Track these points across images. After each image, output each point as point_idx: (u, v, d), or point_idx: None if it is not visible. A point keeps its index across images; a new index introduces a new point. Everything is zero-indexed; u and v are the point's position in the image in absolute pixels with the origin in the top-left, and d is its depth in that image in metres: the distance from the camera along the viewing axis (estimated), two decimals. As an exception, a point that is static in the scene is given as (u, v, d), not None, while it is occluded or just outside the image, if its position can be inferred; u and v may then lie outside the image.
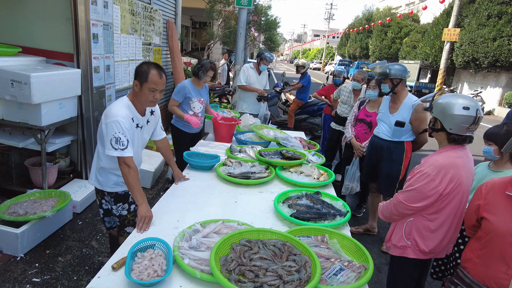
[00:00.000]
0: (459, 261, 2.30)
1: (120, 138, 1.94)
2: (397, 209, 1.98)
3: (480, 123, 1.87)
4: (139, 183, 2.02)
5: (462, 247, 2.41)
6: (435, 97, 2.03)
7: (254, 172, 2.61)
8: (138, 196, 1.95)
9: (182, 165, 2.86)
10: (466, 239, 2.41)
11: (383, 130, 3.29)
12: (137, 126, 2.14)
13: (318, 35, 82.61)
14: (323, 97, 5.68)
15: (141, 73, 1.99)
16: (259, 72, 4.87)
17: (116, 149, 1.94)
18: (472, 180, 1.94)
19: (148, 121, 2.27)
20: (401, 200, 1.95)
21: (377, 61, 27.95)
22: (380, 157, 3.32)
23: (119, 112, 1.99)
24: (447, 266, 2.38)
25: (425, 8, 18.13)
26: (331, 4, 53.28)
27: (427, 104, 2.02)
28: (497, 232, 1.59)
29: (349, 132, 3.89)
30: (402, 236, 2.01)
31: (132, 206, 2.36)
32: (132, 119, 2.07)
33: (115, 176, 2.20)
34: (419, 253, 1.97)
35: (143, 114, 2.18)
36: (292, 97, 7.62)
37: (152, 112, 2.32)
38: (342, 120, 4.59)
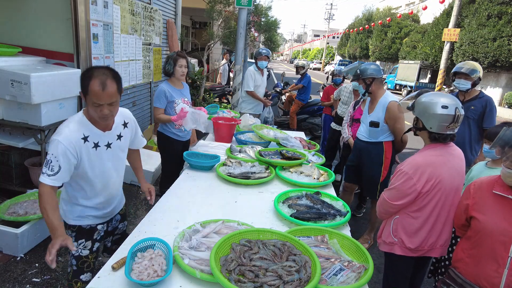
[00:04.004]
0: (447, 262, 2.31)
1: (50, 162, 1.62)
2: (383, 207, 2.05)
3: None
4: (52, 211, 1.65)
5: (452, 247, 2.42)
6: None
7: (254, 172, 2.61)
8: (49, 224, 1.62)
9: (171, 181, 2.55)
10: (455, 240, 2.42)
11: (362, 131, 3.27)
12: (96, 145, 1.77)
13: (318, 35, 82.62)
14: (327, 101, 5.63)
15: (82, 83, 1.65)
16: (262, 73, 4.99)
17: (43, 172, 1.63)
18: (459, 178, 1.95)
19: (120, 136, 1.90)
20: (385, 198, 2.02)
21: (377, 61, 27.96)
22: (361, 158, 3.29)
23: (64, 130, 1.68)
24: (440, 264, 2.39)
25: (425, 8, 18.13)
26: (331, 4, 53.28)
27: (409, 104, 2.04)
28: (487, 230, 1.61)
29: (346, 132, 3.90)
30: (390, 232, 2.05)
31: (96, 245, 1.97)
32: (86, 138, 1.72)
33: (80, 207, 1.87)
34: (406, 250, 2.00)
35: (107, 128, 1.81)
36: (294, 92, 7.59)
37: (125, 124, 1.93)
38: (342, 120, 4.60)
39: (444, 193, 1.89)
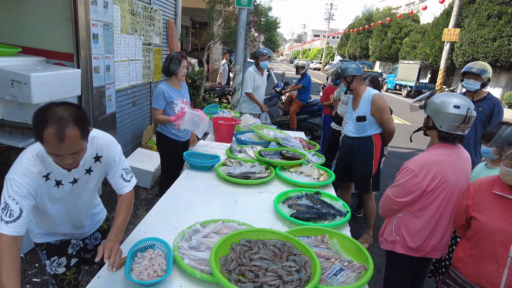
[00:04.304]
0: (448, 262, 2.31)
1: (8, 206, 1.35)
2: (387, 204, 2.06)
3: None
4: (8, 272, 1.28)
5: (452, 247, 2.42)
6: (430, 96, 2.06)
7: (254, 172, 2.61)
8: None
9: (171, 181, 2.54)
10: (455, 240, 2.42)
11: (349, 128, 3.33)
12: (59, 183, 1.51)
13: (318, 35, 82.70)
14: (327, 101, 5.64)
15: (34, 127, 1.28)
16: (262, 73, 5.01)
17: (1, 219, 1.34)
18: (464, 179, 1.95)
19: (90, 170, 1.59)
20: (389, 195, 2.02)
21: (377, 62, 27.97)
22: (351, 155, 3.33)
23: (21, 167, 1.40)
24: (441, 264, 2.39)
25: (425, 8, 18.14)
26: (331, 4, 53.30)
27: (422, 103, 2.05)
28: (487, 230, 1.61)
29: None
30: (392, 231, 2.05)
31: (73, 260, 1.79)
32: (47, 176, 1.46)
33: (43, 228, 1.70)
34: (407, 249, 2.00)
35: (73, 167, 1.50)
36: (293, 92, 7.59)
37: (97, 158, 1.59)
38: (342, 120, 4.60)
39: (449, 193, 1.89)
